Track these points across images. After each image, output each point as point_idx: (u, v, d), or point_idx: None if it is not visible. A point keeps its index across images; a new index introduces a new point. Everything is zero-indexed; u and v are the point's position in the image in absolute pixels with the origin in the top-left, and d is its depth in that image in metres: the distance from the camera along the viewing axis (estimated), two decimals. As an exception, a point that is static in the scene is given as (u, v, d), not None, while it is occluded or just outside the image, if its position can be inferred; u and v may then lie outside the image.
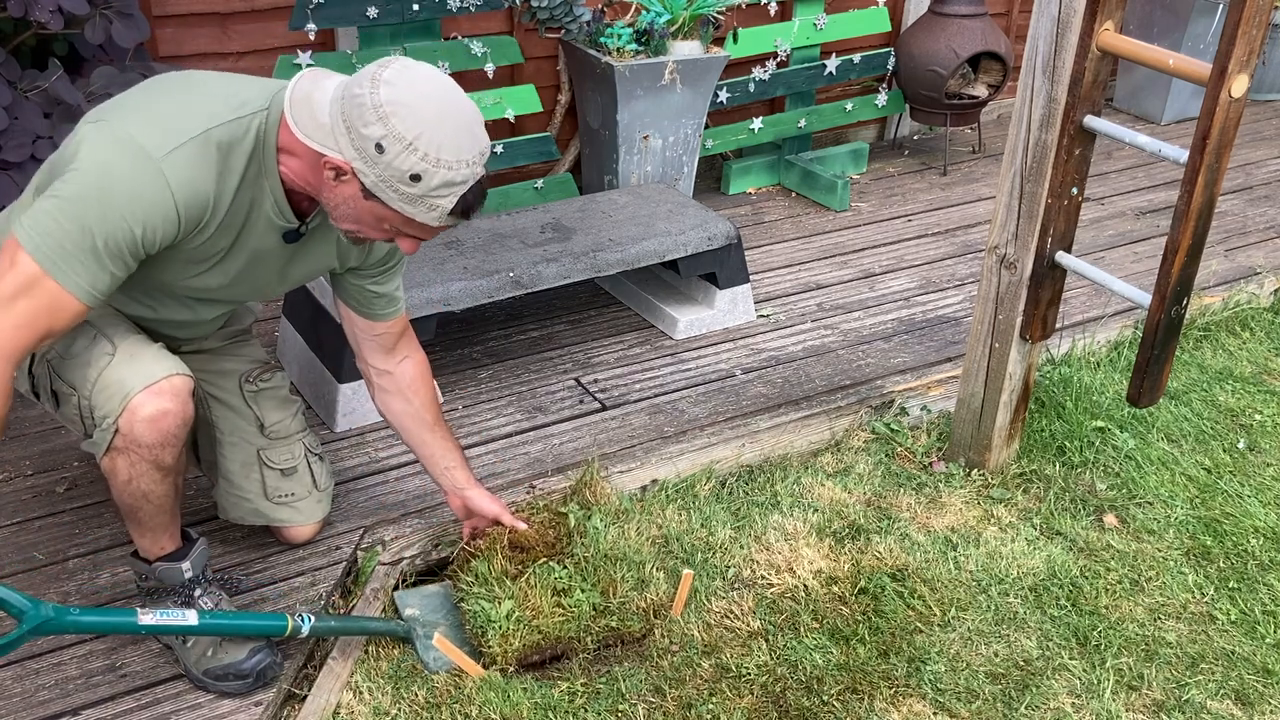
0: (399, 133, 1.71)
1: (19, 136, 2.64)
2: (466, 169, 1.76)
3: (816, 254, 3.95)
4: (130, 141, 1.74)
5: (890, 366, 3.24)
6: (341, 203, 1.83)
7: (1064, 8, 2.28)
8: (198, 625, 2.01)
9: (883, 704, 2.17)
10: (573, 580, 2.28)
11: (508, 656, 2.19)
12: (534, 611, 2.22)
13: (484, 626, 2.20)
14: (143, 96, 1.87)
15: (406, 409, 2.30)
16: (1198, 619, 2.42)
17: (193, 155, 1.77)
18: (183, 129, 1.77)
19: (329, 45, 3.61)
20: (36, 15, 2.61)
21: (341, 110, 1.74)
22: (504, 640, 2.19)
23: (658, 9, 3.73)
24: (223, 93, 1.85)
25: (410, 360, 2.30)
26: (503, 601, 2.21)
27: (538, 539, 2.33)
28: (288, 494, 2.35)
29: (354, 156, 1.74)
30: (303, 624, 2.10)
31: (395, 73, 1.73)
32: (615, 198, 3.47)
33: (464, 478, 2.33)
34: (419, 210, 1.78)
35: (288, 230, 1.96)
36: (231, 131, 1.81)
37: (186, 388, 1.96)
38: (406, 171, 1.73)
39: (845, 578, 2.46)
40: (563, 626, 2.22)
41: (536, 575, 2.25)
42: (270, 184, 1.88)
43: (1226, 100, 2.06)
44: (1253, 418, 3.09)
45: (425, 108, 1.73)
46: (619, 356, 3.27)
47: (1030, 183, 2.46)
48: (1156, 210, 4.34)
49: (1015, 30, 5.02)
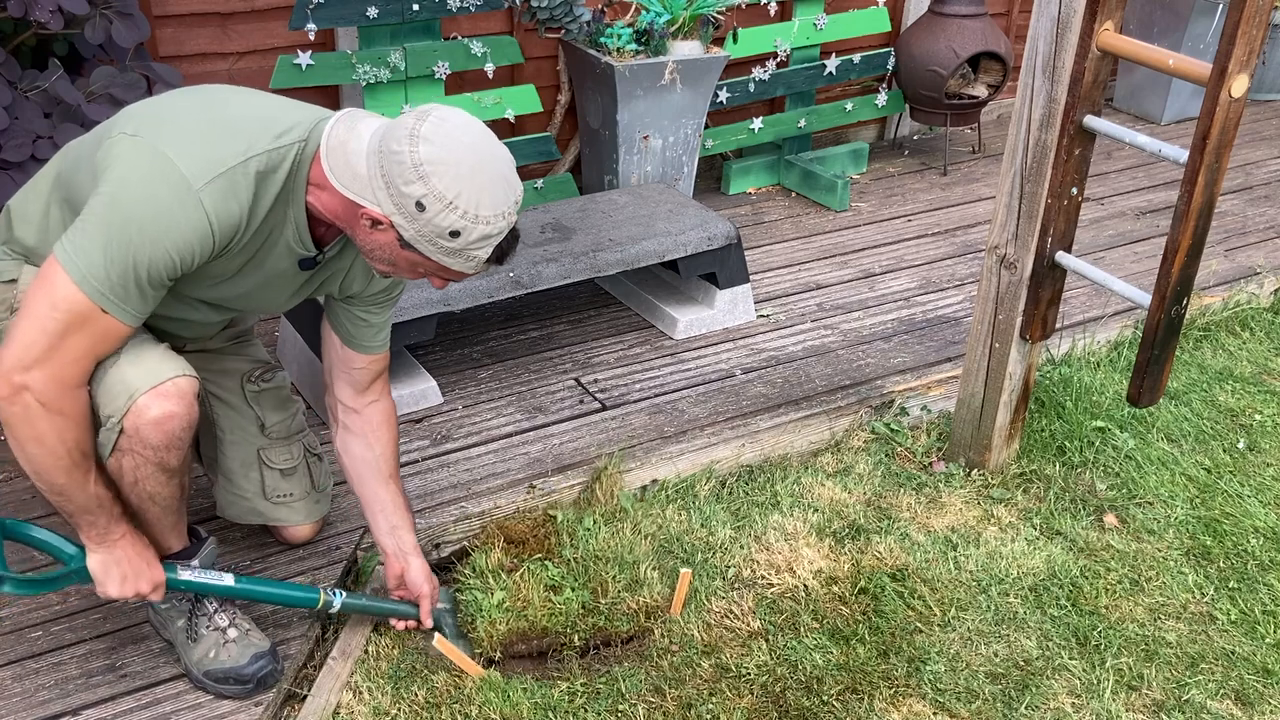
0: (439, 192, 1.72)
1: (19, 136, 2.64)
2: (503, 221, 1.79)
3: (816, 254, 3.95)
4: (170, 167, 1.75)
5: (890, 366, 3.24)
6: (377, 248, 1.86)
7: (1064, 8, 2.28)
8: (233, 587, 2.09)
9: (883, 704, 2.17)
10: (564, 579, 2.34)
11: (493, 642, 2.24)
12: (524, 603, 2.28)
13: (474, 614, 2.27)
14: (180, 111, 1.86)
15: (366, 455, 2.22)
16: (1198, 619, 2.42)
17: (231, 185, 1.78)
18: (222, 157, 1.78)
19: (329, 45, 3.61)
20: (36, 15, 2.61)
21: (380, 165, 1.75)
22: (491, 626, 2.25)
23: (658, 9, 3.73)
24: (264, 117, 1.86)
25: (379, 405, 2.24)
26: (495, 592, 2.29)
27: (530, 537, 2.38)
28: (286, 494, 2.35)
29: (393, 211, 1.76)
30: (334, 599, 2.18)
31: (433, 128, 1.73)
32: (615, 198, 3.47)
33: (410, 543, 2.24)
34: (456, 261, 1.81)
35: (304, 258, 1.98)
36: (269, 161, 1.82)
37: (192, 389, 1.96)
38: (447, 229, 1.75)
39: (845, 578, 2.47)
40: (550, 620, 2.28)
41: (530, 571, 2.32)
42: (294, 212, 1.89)
43: (1226, 100, 2.06)
44: (1253, 418, 3.09)
45: (464, 164, 1.74)
46: (619, 356, 3.27)
47: (1030, 183, 2.46)
48: (1156, 210, 4.34)
49: (1015, 30, 5.02)
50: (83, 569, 1.96)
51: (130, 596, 2.00)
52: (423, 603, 2.24)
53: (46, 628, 2.23)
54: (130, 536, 1.97)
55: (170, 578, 2.03)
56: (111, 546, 1.95)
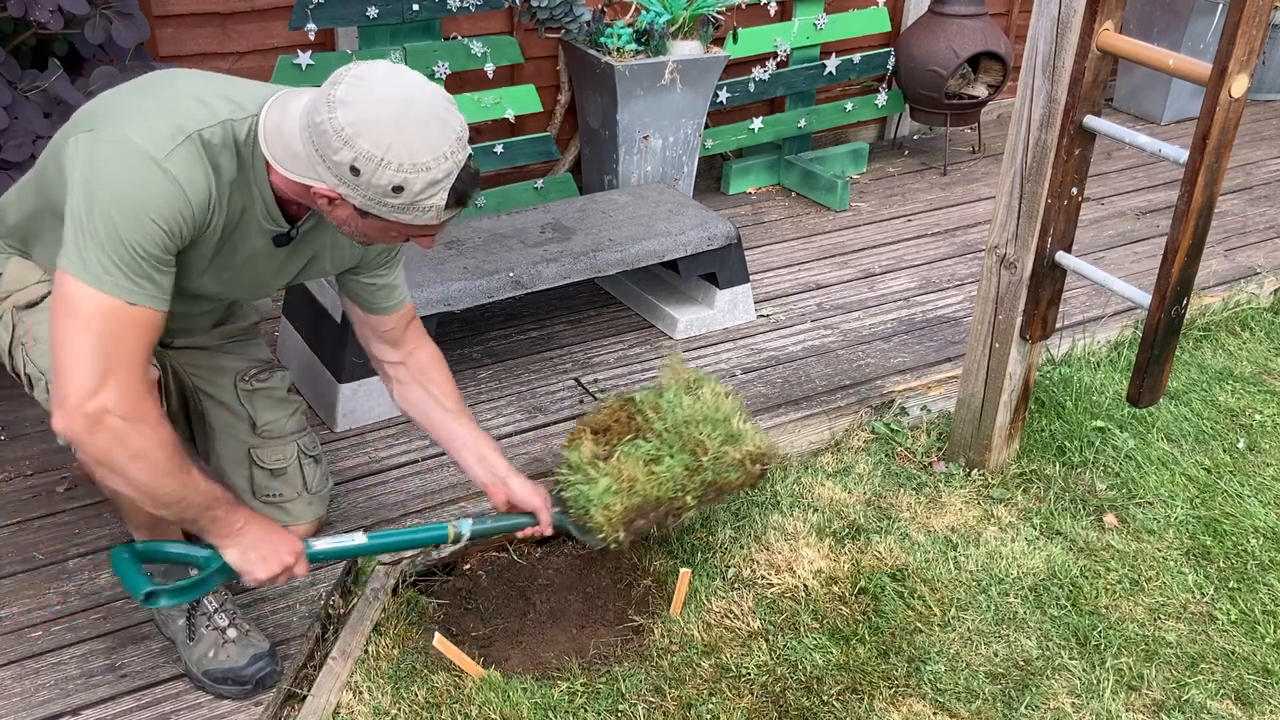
0: (368, 152, 1.69)
1: (19, 136, 2.64)
2: (447, 162, 1.73)
3: (816, 254, 3.95)
4: (129, 146, 1.73)
5: (890, 366, 3.24)
6: (343, 222, 1.84)
7: (1064, 8, 2.28)
8: (367, 545, 2.13)
9: (883, 704, 2.17)
10: (660, 450, 2.34)
11: (614, 524, 2.24)
12: (629, 482, 2.27)
13: (585, 506, 2.26)
14: (130, 96, 1.85)
15: (426, 398, 2.26)
16: (1198, 619, 2.42)
17: (189, 155, 1.76)
18: (174, 130, 1.76)
19: (329, 45, 3.61)
20: (36, 15, 2.61)
21: (311, 140, 1.73)
22: (607, 510, 2.24)
23: (658, 9, 3.73)
24: (215, 92, 1.84)
25: (422, 350, 2.28)
26: (599, 480, 2.27)
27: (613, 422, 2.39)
28: (276, 494, 2.35)
29: (335, 182, 1.74)
30: (463, 529, 2.21)
31: (348, 89, 1.70)
32: (615, 198, 3.47)
33: (503, 466, 2.27)
34: (414, 215, 1.77)
35: (277, 234, 1.95)
36: (223, 134, 1.80)
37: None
38: (388, 185, 1.71)
39: (845, 578, 2.46)
40: (659, 489, 2.28)
41: (625, 453, 2.32)
42: (259, 189, 1.87)
43: (1226, 100, 2.06)
44: (1253, 418, 3.09)
45: (383, 117, 1.69)
46: (619, 356, 3.27)
47: (1030, 183, 2.46)
48: (1156, 210, 4.34)
49: (1015, 30, 5.02)
50: (223, 565, 1.95)
51: (279, 572, 1.98)
52: (540, 514, 2.26)
53: (46, 628, 2.23)
54: (253, 519, 1.97)
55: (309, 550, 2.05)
56: (239, 535, 1.94)
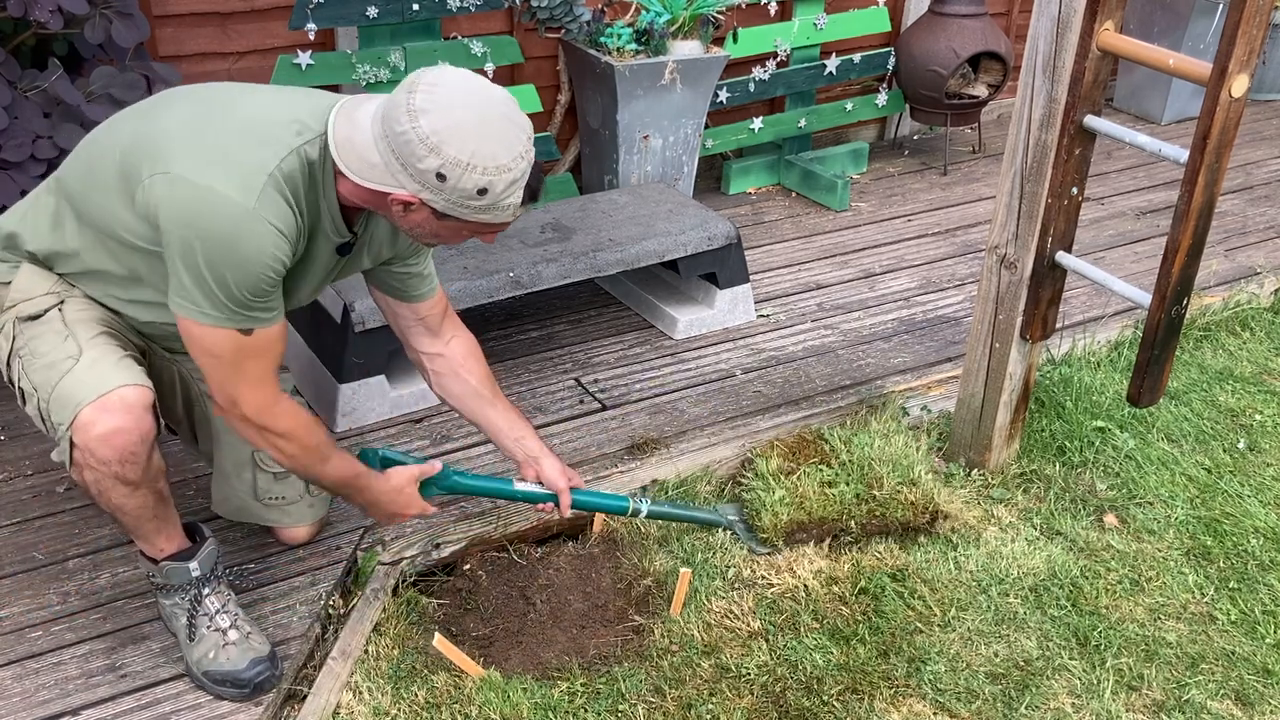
0: (454, 158, 1.75)
1: (19, 136, 2.64)
2: (523, 161, 1.82)
3: (816, 254, 3.95)
4: (219, 198, 1.77)
5: (890, 366, 3.24)
6: (416, 226, 1.89)
7: (1064, 7, 2.28)
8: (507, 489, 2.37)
9: (883, 704, 2.17)
10: (839, 477, 2.61)
11: (777, 529, 2.52)
12: (801, 497, 2.56)
13: (759, 509, 2.55)
14: (188, 130, 1.85)
15: (464, 388, 2.33)
16: (1198, 619, 2.42)
17: (275, 194, 1.81)
18: (255, 169, 1.80)
19: (329, 45, 3.61)
20: (36, 15, 2.61)
21: (391, 149, 1.77)
22: (774, 517, 2.52)
23: (658, 9, 3.73)
24: (277, 117, 1.86)
25: (459, 339, 2.33)
26: (776, 490, 2.57)
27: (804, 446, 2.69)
28: (278, 496, 2.35)
29: (419, 189, 1.79)
30: (641, 506, 2.43)
31: (425, 98, 1.75)
32: (615, 198, 3.47)
33: (537, 447, 2.36)
34: (494, 214, 1.84)
35: (341, 244, 2.00)
36: (294, 164, 1.83)
37: (141, 400, 1.91)
38: (474, 189, 1.78)
39: (845, 578, 2.46)
40: (826, 509, 2.55)
41: (806, 473, 2.60)
42: (327, 203, 1.91)
43: (1226, 100, 2.06)
44: (1253, 418, 3.09)
45: (466, 123, 1.76)
46: (619, 356, 3.27)
47: (1030, 183, 2.46)
48: (1156, 210, 4.34)
49: (1015, 30, 5.02)
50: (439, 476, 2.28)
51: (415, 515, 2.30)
52: (562, 497, 2.35)
53: (46, 628, 2.23)
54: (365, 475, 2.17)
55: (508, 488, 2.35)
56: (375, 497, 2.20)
